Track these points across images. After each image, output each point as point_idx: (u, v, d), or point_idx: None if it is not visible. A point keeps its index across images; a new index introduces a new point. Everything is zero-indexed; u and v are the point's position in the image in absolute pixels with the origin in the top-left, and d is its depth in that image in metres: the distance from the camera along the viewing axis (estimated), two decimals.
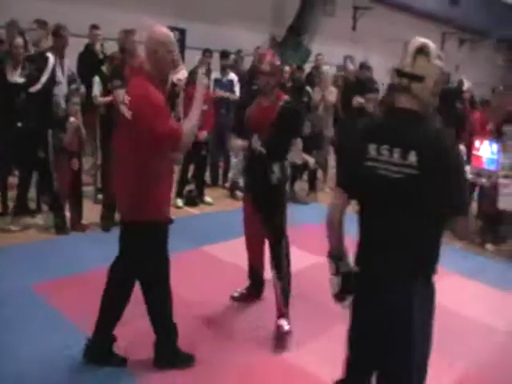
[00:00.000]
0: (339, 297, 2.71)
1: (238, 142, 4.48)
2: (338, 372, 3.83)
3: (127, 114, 3.38)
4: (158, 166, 3.47)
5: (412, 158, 2.28)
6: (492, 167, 7.29)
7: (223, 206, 7.45)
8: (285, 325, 4.38)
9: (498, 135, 7.71)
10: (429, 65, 2.40)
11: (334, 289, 2.70)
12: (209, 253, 5.89)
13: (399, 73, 2.43)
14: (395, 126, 2.41)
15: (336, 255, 2.68)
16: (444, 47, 20.03)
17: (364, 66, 10.76)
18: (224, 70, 8.67)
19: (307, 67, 11.64)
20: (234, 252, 5.73)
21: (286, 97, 4.35)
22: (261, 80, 4.30)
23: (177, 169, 7.35)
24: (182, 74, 6.98)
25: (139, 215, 3.50)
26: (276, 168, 4.29)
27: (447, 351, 4.33)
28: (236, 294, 4.91)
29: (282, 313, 4.41)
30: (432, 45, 2.44)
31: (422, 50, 2.41)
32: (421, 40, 2.43)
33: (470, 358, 4.34)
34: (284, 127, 4.21)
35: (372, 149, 2.40)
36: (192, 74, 7.54)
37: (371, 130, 2.50)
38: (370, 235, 2.53)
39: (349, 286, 2.64)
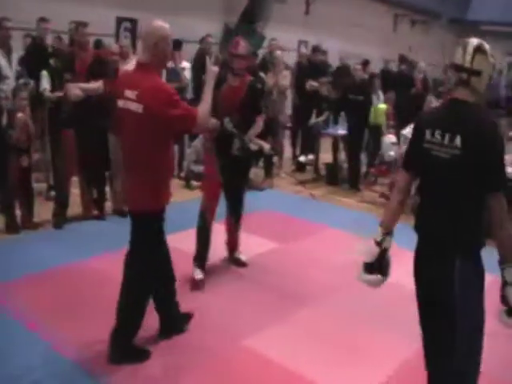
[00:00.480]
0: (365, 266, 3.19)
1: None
2: (297, 358, 3.90)
3: (136, 108, 3.43)
4: (167, 159, 3.67)
5: (457, 141, 2.65)
6: None
7: (178, 197, 7.35)
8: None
9: None
10: (485, 62, 2.75)
11: (366, 255, 3.18)
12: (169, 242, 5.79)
13: (459, 68, 2.76)
14: (448, 115, 2.78)
15: (385, 228, 3.16)
16: (396, 29, 20.21)
17: (317, 50, 10.75)
18: (175, 58, 8.54)
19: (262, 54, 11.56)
20: (190, 242, 5.70)
21: (250, 77, 5.04)
22: (237, 62, 4.84)
23: None
24: (131, 66, 6.85)
25: (154, 204, 3.65)
26: (241, 141, 4.92)
27: (407, 331, 4.39)
28: None
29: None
30: (487, 45, 2.79)
31: (479, 49, 2.74)
32: (478, 40, 2.77)
33: None
34: (252, 102, 4.90)
35: (428, 133, 2.78)
36: None
37: (428, 118, 2.94)
38: (427, 205, 2.91)
39: (381, 262, 3.14)
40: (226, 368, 3.79)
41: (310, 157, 9.27)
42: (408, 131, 8.70)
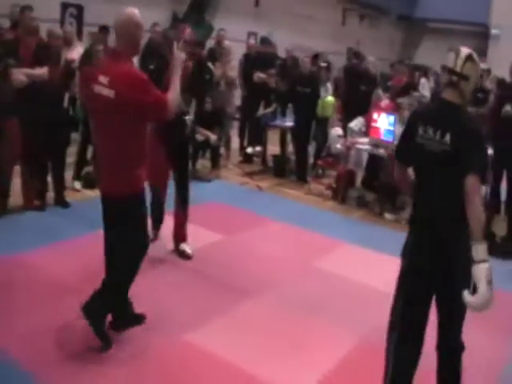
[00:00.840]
0: None
1: None
2: (238, 352, 3.86)
3: (107, 93, 3.47)
4: (139, 146, 3.66)
5: (447, 137, 3.00)
6: (389, 138, 7.51)
7: (91, 193, 7.23)
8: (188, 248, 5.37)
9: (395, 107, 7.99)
10: (474, 69, 3.07)
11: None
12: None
13: (451, 72, 3.06)
14: (440, 114, 3.11)
15: None
16: (345, 23, 20.37)
17: (266, 41, 10.72)
18: None
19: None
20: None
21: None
22: (185, 48, 4.78)
23: (74, 149, 7.11)
24: (76, 53, 6.70)
25: (129, 189, 3.68)
26: (188, 121, 5.17)
27: (349, 325, 4.44)
28: None
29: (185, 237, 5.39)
30: (475, 54, 3.11)
31: (470, 57, 3.06)
32: (469, 50, 3.10)
33: (372, 325, 4.41)
34: (197, 77, 5.19)
35: (421, 130, 3.09)
36: (87, 53, 7.27)
37: (421, 115, 3.23)
38: (420, 193, 3.22)
39: None
40: (163, 364, 3.70)
41: (258, 148, 9.25)
42: (354, 124, 8.80)
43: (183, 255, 5.34)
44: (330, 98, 9.18)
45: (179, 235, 5.42)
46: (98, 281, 4.56)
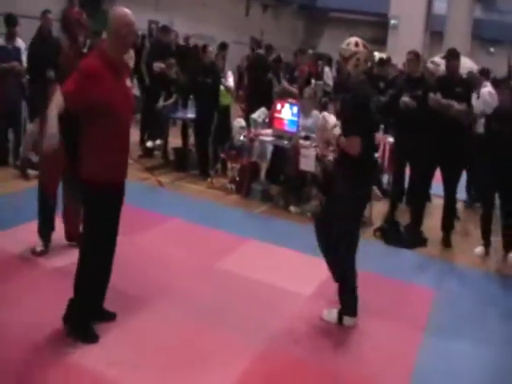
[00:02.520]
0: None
1: None
2: (132, 370, 3.47)
3: None
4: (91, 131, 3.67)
5: None
6: (293, 129, 7.34)
7: (12, 188, 6.68)
8: None
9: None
10: (355, 50, 4.15)
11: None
12: None
13: (340, 53, 4.21)
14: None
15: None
16: (248, 13, 20.22)
17: (164, 30, 10.31)
18: (11, 36, 7.73)
19: None
20: (22, 240, 5.12)
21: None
22: (84, 31, 4.82)
23: None
24: None
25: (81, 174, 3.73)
26: None
27: (253, 324, 4.21)
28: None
29: None
30: (360, 40, 4.21)
31: (355, 42, 4.17)
32: (356, 38, 4.22)
33: (276, 328, 4.23)
34: None
35: None
36: None
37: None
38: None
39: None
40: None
41: (158, 142, 8.87)
42: (258, 115, 8.58)
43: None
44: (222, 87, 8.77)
45: (72, 232, 5.13)
46: None
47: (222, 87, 8.56)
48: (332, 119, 5.11)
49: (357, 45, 4.16)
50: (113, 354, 3.67)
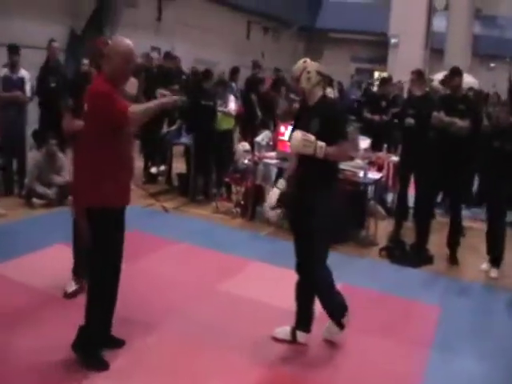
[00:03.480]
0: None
1: None
2: None
3: (85, 107, 3.72)
4: (109, 155, 3.68)
5: None
6: None
7: (17, 216, 6.72)
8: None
9: None
10: (303, 65, 4.21)
11: (270, 200, 4.40)
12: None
13: (292, 77, 4.32)
14: None
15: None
16: (250, 36, 20.40)
17: (169, 56, 10.44)
18: (14, 66, 7.85)
19: None
20: (27, 270, 5.15)
21: None
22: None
23: None
24: None
25: (91, 201, 3.72)
26: None
27: (256, 346, 4.21)
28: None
29: None
30: (309, 62, 4.25)
31: (303, 60, 4.29)
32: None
33: (279, 350, 4.24)
34: None
35: None
36: None
37: None
38: None
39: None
40: None
41: (162, 168, 8.92)
42: (261, 138, 8.65)
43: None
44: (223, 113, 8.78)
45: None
46: None
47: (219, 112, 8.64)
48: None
49: (305, 61, 4.23)
50: (121, 381, 3.69)
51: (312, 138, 3.99)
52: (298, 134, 4.01)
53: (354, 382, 3.94)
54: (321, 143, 3.98)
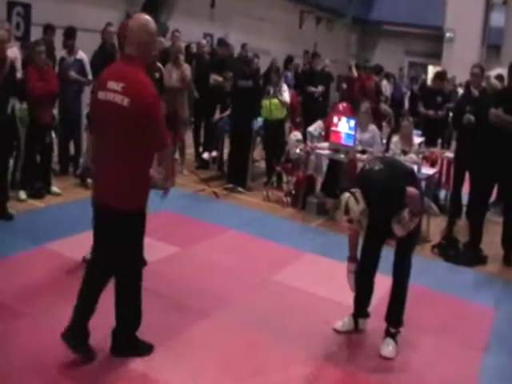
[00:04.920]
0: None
1: None
2: (193, 381, 3.52)
3: (121, 101, 3.33)
4: (148, 156, 3.51)
5: None
6: (349, 143, 7.31)
7: (72, 197, 6.84)
8: None
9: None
10: None
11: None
12: (54, 250, 5.27)
13: None
14: None
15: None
16: (302, 25, 20.26)
17: (222, 43, 10.44)
18: (72, 48, 7.96)
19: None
20: (82, 247, 5.22)
21: None
22: None
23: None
24: (11, 52, 6.28)
25: (130, 204, 3.50)
26: None
27: (311, 337, 4.19)
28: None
29: None
30: None
31: None
32: None
33: (334, 342, 4.22)
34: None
35: None
36: (30, 51, 6.89)
37: None
38: None
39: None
40: None
41: (214, 154, 8.95)
42: (314, 128, 8.59)
43: None
44: (275, 100, 8.46)
45: None
46: (39, 302, 4.24)
47: (276, 100, 8.53)
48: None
49: None
50: (177, 364, 3.72)
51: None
52: None
53: (409, 379, 3.89)
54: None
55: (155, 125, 3.38)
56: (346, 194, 3.84)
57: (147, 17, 3.52)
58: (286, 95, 8.80)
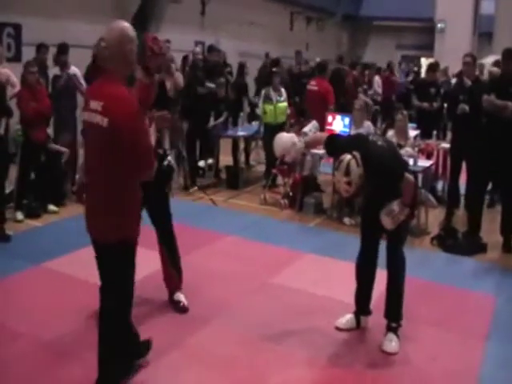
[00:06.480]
0: None
1: None
2: None
3: (100, 121, 3.05)
4: (132, 181, 3.22)
5: None
6: None
7: (69, 213, 6.85)
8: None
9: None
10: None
11: None
12: (52, 269, 5.28)
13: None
14: None
15: None
16: (293, 27, 20.31)
17: (213, 49, 10.47)
18: (64, 64, 8.00)
19: None
20: (82, 264, 5.22)
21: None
22: (158, 60, 4.23)
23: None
24: (3, 73, 6.34)
25: (113, 234, 3.20)
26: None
27: (314, 340, 4.21)
28: None
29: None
30: None
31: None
32: None
33: (339, 343, 4.24)
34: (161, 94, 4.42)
35: None
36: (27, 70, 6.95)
37: None
38: None
39: None
40: None
41: (210, 161, 8.97)
42: (309, 129, 8.58)
43: (177, 307, 4.61)
44: (283, 104, 8.81)
45: (167, 280, 4.75)
46: (37, 324, 4.24)
47: (281, 105, 8.60)
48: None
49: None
50: (177, 374, 3.74)
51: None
52: None
53: (411, 374, 3.90)
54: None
55: (137, 145, 3.05)
56: (348, 156, 3.74)
57: (123, 24, 3.20)
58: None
